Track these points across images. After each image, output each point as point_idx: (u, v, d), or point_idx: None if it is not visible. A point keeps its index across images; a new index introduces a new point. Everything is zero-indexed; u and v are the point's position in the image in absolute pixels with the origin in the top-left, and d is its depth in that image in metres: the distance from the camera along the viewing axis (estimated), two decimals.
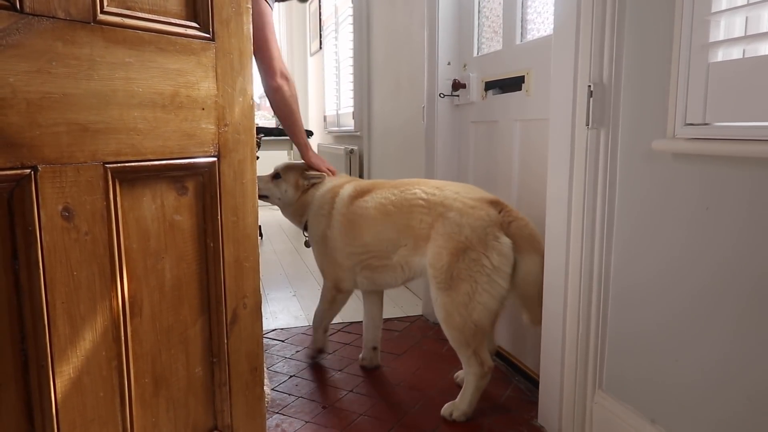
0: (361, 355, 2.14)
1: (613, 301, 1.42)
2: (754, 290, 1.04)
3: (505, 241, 1.57)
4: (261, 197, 2.03)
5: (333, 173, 2.13)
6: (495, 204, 1.65)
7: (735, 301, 1.08)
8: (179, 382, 1.10)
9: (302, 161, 2.14)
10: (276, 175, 2.11)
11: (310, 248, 2.06)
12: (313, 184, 2.05)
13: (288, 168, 2.11)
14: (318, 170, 2.09)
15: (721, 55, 1.09)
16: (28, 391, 0.86)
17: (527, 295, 1.65)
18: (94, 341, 0.93)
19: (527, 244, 1.60)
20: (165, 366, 1.06)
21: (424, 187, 1.73)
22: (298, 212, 2.08)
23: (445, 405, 1.71)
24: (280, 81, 1.99)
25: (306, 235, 2.09)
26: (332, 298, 2.00)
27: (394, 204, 1.74)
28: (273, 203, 2.13)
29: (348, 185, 1.96)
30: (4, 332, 0.83)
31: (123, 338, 0.98)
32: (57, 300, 0.87)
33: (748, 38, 1.06)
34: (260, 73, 2.00)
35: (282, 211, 2.15)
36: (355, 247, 1.85)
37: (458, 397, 1.69)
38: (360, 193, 1.87)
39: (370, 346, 2.10)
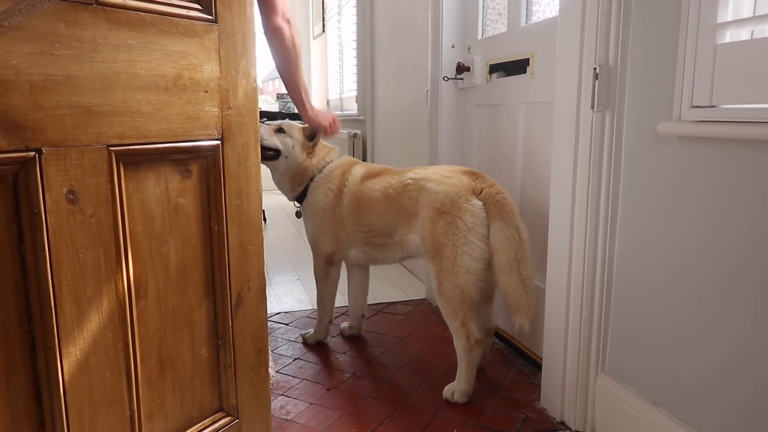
0: (348, 324, 2.25)
1: (616, 285, 1.42)
2: (760, 275, 1.04)
3: (476, 203, 1.64)
4: (265, 155, 1.94)
5: (334, 130, 2.04)
6: (470, 174, 1.74)
7: (740, 287, 1.08)
8: (185, 364, 1.11)
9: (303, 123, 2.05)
10: (279, 130, 2.02)
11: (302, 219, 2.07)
12: (314, 145, 2.01)
13: (291, 125, 2.04)
14: (319, 128, 2.01)
15: (728, 36, 1.08)
16: (35, 372, 0.88)
17: (493, 262, 1.64)
18: (100, 323, 0.93)
19: (493, 210, 1.64)
20: (171, 348, 1.07)
21: (414, 170, 1.84)
22: (297, 178, 2.02)
23: (446, 387, 1.72)
24: (281, 22, 1.79)
25: (298, 206, 2.07)
26: (325, 273, 2.06)
27: (393, 187, 1.83)
28: (275, 165, 2.01)
29: (359, 166, 2.02)
30: (12, 314, 0.84)
31: (129, 320, 0.99)
32: (63, 282, 0.87)
33: (756, 19, 1.04)
34: (260, 11, 1.75)
35: (279, 175, 2.04)
36: (361, 226, 1.92)
37: (456, 378, 1.71)
38: (371, 175, 1.94)
39: (359, 315, 2.22)
